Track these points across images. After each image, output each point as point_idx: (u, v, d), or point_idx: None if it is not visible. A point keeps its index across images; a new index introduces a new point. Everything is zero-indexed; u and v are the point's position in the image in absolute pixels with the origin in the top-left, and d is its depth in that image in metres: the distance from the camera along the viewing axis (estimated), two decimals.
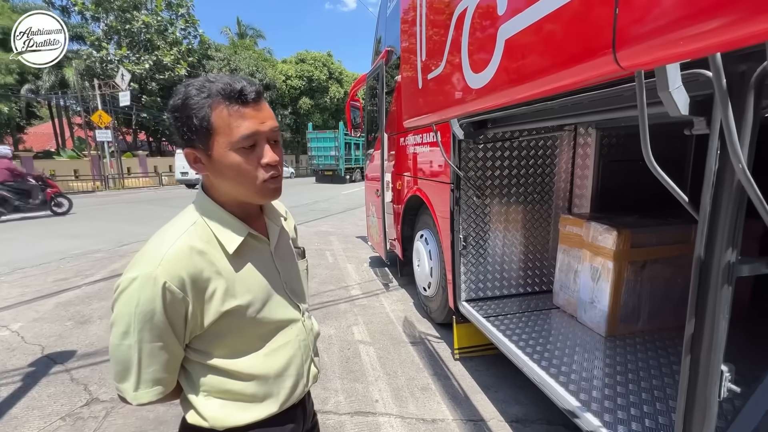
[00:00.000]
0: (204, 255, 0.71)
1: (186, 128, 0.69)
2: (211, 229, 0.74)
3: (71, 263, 5.27)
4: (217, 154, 0.70)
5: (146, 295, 0.66)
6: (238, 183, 0.72)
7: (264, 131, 0.71)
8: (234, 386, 0.77)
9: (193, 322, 0.71)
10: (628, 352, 1.88)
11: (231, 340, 0.76)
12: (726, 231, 0.88)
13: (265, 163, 0.72)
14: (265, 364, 0.79)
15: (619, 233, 1.92)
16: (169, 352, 0.71)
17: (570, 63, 0.85)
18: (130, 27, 20.86)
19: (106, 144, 19.47)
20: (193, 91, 0.69)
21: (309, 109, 29.27)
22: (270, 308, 0.80)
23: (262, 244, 0.82)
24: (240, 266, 0.76)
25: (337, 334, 3.06)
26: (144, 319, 0.67)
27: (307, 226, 7.81)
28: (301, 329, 0.87)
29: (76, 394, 2.31)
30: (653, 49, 0.68)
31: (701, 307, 0.94)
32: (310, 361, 0.90)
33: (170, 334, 0.69)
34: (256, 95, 0.71)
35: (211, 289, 0.71)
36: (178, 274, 0.67)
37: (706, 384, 0.94)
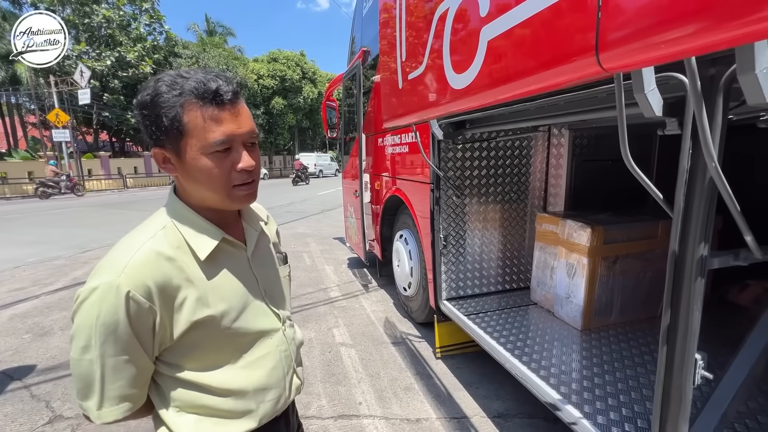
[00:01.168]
0: (173, 261, 0.67)
1: (155, 127, 0.64)
2: (182, 234, 0.69)
3: (27, 272, 4.93)
4: (188, 156, 0.65)
5: (108, 306, 0.61)
6: (209, 188, 0.68)
7: (239, 134, 0.67)
8: (209, 401, 0.72)
9: (161, 333, 0.66)
10: (603, 344, 1.95)
11: (204, 352, 0.71)
12: (698, 226, 0.92)
13: (240, 168, 0.68)
14: (242, 378, 0.75)
15: (593, 230, 1.99)
16: (135, 365, 0.66)
17: (553, 64, 0.87)
18: (89, 21, 19.78)
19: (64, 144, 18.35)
20: (163, 87, 0.64)
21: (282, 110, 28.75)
22: (247, 317, 0.75)
23: (238, 249, 0.77)
24: (213, 273, 0.71)
25: (318, 337, 3.01)
26: (106, 332, 0.61)
27: (284, 228, 7.67)
28: (282, 339, 0.82)
29: (37, 412, 2.15)
30: (634, 51, 0.71)
31: (676, 299, 0.98)
32: (292, 372, 0.85)
33: (136, 346, 0.64)
34: (233, 95, 0.66)
35: (180, 298, 0.67)
36: (143, 282, 0.62)
37: (681, 372, 0.98)
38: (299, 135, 34.56)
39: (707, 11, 0.63)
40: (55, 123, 17.05)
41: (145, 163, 22.59)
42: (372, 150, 3.82)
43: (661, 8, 0.66)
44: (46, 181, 15.02)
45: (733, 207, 0.84)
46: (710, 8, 0.62)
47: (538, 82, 0.94)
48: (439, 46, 1.43)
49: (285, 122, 30.05)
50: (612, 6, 0.72)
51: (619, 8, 0.72)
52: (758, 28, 0.59)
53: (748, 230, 0.89)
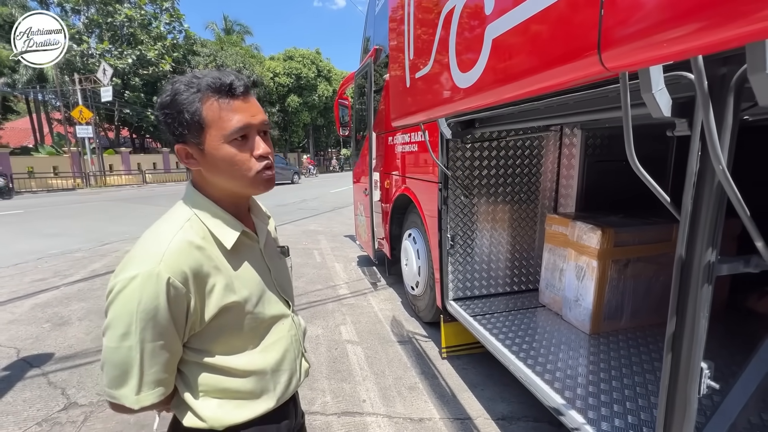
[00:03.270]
0: (203, 250, 0.72)
1: (177, 124, 0.70)
2: (206, 226, 0.74)
3: (49, 263, 5.11)
4: (210, 147, 0.70)
5: (149, 293, 0.65)
6: (233, 175, 0.73)
7: (255, 123, 0.73)
8: (231, 384, 0.77)
9: (194, 317, 0.71)
10: (611, 349, 1.91)
11: (229, 336, 0.76)
12: (706, 231, 0.89)
13: (258, 154, 0.73)
14: (261, 360, 0.80)
15: (603, 232, 1.95)
16: (169, 350, 0.70)
17: (556, 63, 0.86)
18: (112, 20, 20.31)
19: (86, 140, 18.94)
20: (181, 87, 0.69)
21: (297, 107, 28.98)
22: (264, 304, 0.81)
23: (253, 242, 0.83)
24: (237, 262, 0.77)
25: (325, 334, 3.03)
26: (147, 317, 0.65)
27: (295, 225, 7.75)
28: (292, 324, 0.89)
29: (54, 399, 2.24)
30: (637, 50, 0.69)
31: (682, 306, 0.95)
32: (301, 355, 0.91)
33: (172, 330, 0.69)
34: (245, 89, 0.72)
35: (210, 284, 0.71)
36: (180, 269, 0.67)
37: (686, 381, 0.96)
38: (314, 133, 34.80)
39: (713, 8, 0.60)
40: (79, 119, 17.61)
41: (164, 159, 23.12)
42: (382, 148, 3.82)
43: (664, 5, 0.64)
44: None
45: (743, 211, 0.81)
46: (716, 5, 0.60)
47: (542, 81, 0.92)
48: (446, 44, 1.41)
49: (300, 120, 30.30)
50: (614, 3, 0.70)
51: (622, 5, 0.70)
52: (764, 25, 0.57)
53: (759, 236, 0.86)
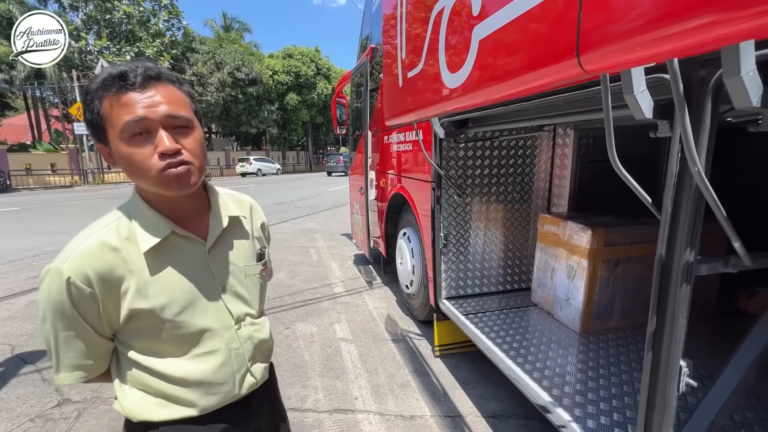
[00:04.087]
0: (117, 252, 0.69)
1: (89, 123, 0.68)
2: (133, 226, 0.72)
3: (45, 260, 5.11)
4: (113, 146, 0.67)
5: (54, 288, 0.67)
6: (136, 175, 0.67)
7: (153, 117, 0.64)
8: (153, 383, 0.75)
9: (106, 316, 0.71)
10: (600, 348, 1.93)
11: (148, 340, 0.74)
12: (686, 232, 0.91)
13: (158, 151, 0.65)
14: (185, 369, 0.76)
15: (593, 232, 1.96)
16: (85, 342, 0.72)
17: (538, 65, 0.87)
18: (110, 17, 20.24)
19: (85, 137, 18.91)
20: (92, 84, 0.66)
21: (296, 105, 28.94)
22: (194, 313, 0.76)
23: (192, 243, 0.77)
24: (158, 266, 0.72)
25: (319, 332, 3.05)
26: (55, 309, 0.68)
27: (293, 224, 7.75)
28: (234, 337, 0.81)
29: (47, 395, 2.25)
30: (614, 53, 0.70)
31: (662, 306, 0.97)
32: (245, 371, 0.83)
33: (83, 325, 0.70)
34: (143, 79, 0.64)
35: (124, 287, 0.70)
36: (82, 271, 0.67)
37: (666, 379, 0.97)
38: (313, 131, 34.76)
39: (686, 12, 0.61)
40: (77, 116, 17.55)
41: None
42: (378, 147, 3.82)
43: (639, 9, 0.65)
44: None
45: (719, 213, 0.82)
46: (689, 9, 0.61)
47: (525, 83, 0.93)
48: (435, 44, 1.42)
49: (299, 118, 30.27)
50: (592, 7, 0.71)
51: (599, 9, 0.71)
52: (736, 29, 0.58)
53: (736, 236, 0.87)
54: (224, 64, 25.04)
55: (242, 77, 25.46)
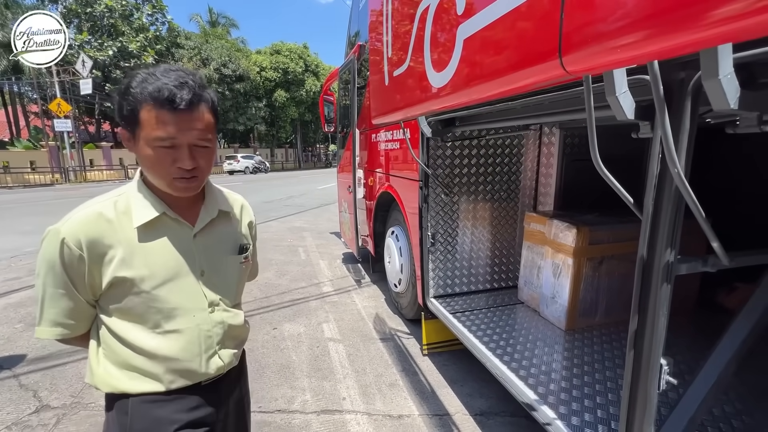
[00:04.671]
0: (111, 223, 0.79)
1: (123, 111, 0.76)
2: (131, 203, 0.82)
3: (24, 261, 4.96)
4: (139, 144, 0.77)
5: (50, 246, 0.76)
6: (151, 172, 0.80)
7: (182, 140, 0.75)
8: (122, 352, 0.82)
9: (90, 280, 0.79)
10: (585, 345, 1.95)
11: (125, 306, 0.81)
12: (666, 232, 0.92)
13: (178, 166, 0.77)
14: (154, 343, 0.83)
15: (578, 231, 1.98)
16: (69, 301, 0.80)
17: (521, 65, 0.86)
18: (91, 11, 19.69)
19: (65, 134, 18.40)
20: (134, 82, 0.74)
21: (285, 102, 28.64)
22: (171, 289, 0.83)
23: (181, 227, 0.86)
24: (145, 240, 0.81)
25: (307, 332, 3.03)
26: (47, 266, 0.77)
27: (281, 222, 7.67)
28: (206, 320, 0.88)
29: (25, 401, 2.18)
30: (595, 55, 0.70)
31: (644, 305, 0.98)
32: (212, 353, 0.89)
33: (69, 285, 0.78)
34: (188, 105, 0.74)
35: (110, 255, 0.78)
36: (76, 234, 0.76)
37: (647, 377, 0.98)
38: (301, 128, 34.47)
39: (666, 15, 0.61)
40: (57, 113, 17.08)
41: None
42: (366, 145, 3.80)
43: (620, 12, 0.65)
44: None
45: (698, 213, 0.83)
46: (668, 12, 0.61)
47: (509, 83, 0.93)
48: (421, 43, 1.41)
49: (287, 115, 29.98)
50: (573, 9, 0.71)
51: (581, 10, 0.70)
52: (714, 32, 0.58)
53: (714, 237, 0.88)
54: (210, 60, 24.62)
55: (229, 73, 25.08)
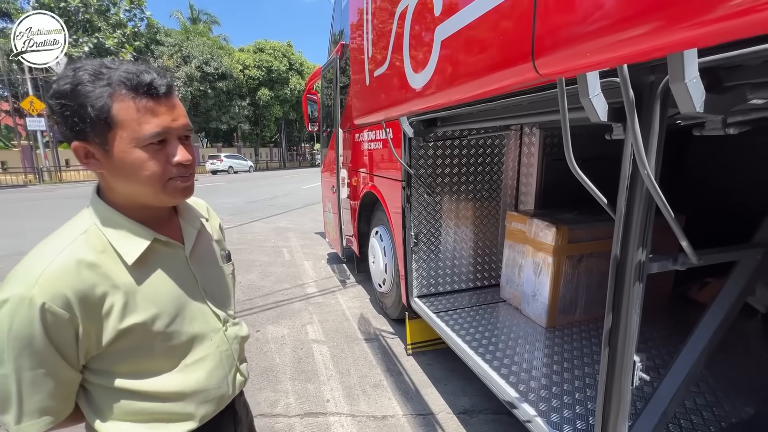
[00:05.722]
0: (96, 268, 0.64)
1: (77, 118, 0.61)
2: (107, 237, 0.67)
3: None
4: (118, 150, 0.63)
5: (21, 319, 0.58)
6: (142, 182, 0.65)
7: (176, 128, 0.67)
8: (144, 407, 0.70)
9: (86, 342, 0.64)
10: (565, 342, 1.99)
11: (137, 359, 0.69)
12: (638, 232, 0.94)
13: (176, 162, 0.67)
14: (179, 382, 0.73)
15: (557, 229, 2.02)
16: (55, 378, 0.64)
17: (496, 68, 0.87)
18: (65, 5, 19.00)
19: (39, 133, 17.75)
20: (86, 76, 0.61)
21: (269, 101, 28.27)
22: (183, 320, 0.74)
23: (173, 249, 0.75)
24: (143, 277, 0.69)
25: (291, 334, 2.99)
26: (20, 345, 0.59)
27: (265, 222, 7.58)
28: (223, 340, 0.81)
29: None
30: (566, 58, 0.71)
31: (617, 303, 1.00)
32: (235, 371, 0.84)
33: (56, 358, 0.62)
34: (167, 88, 0.65)
35: (107, 306, 0.64)
36: (60, 293, 0.60)
37: (621, 373, 1.00)
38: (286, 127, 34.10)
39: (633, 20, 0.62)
40: (30, 111, 16.45)
41: None
42: (350, 145, 3.79)
43: (590, 17, 0.65)
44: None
45: (667, 213, 0.85)
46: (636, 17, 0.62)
47: (485, 85, 0.93)
48: (400, 44, 1.41)
49: (271, 114, 29.59)
50: (545, 13, 0.72)
51: (552, 15, 0.71)
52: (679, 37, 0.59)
53: (683, 236, 0.91)
54: (192, 57, 24.09)
55: (211, 71, 24.58)
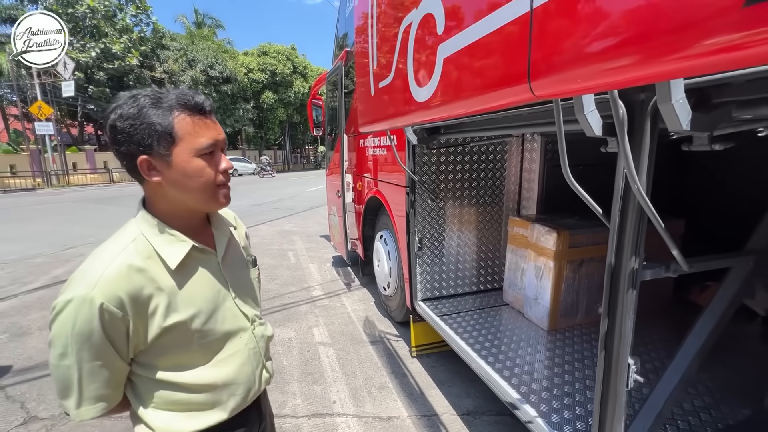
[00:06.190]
0: (144, 272, 0.73)
1: (145, 135, 0.71)
2: (153, 245, 0.75)
3: (6, 270, 4.86)
4: (179, 159, 0.73)
5: (83, 317, 0.67)
6: (197, 188, 0.76)
7: (221, 140, 0.79)
8: (182, 397, 0.79)
9: (135, 338, 0.73)
10: (566, 345, 2.03)
11: (177, 353, 0.78)
12: (631, 240, 0.99)
13: (223, 168, 0.79)
14: (213, 375, 0.82)
15: (558, 234, 2.06)
16: (110, 369, 0.73)
17: (495, 87, 0.92)
18: (73, 11, 19.29)
19: (47, 137, 17.98)
20: (147, 101, 0.71)
21: (273, 104, 28.46)
22: (216, 319, 0.82)
23: (208, 255, 0.84)
24: (183, 280, 0.78)
25: (297, 337, 3.05)
26: (81, 340, 0.68)
27: (270, 226, 7.66)
28: (251, 338, 0.89)
29: (12, 413, 2.17)
30: (560, 83, 0.76)
31: (612, 308, 1.05)
32: (261, 367, 0.92)
33: (111, 352, 0.71)
34: (211, 108, 0.79)
35: (153, 306, 0.73)
36: (115, 295, 0.69)
37: (616, 375, 1.05)
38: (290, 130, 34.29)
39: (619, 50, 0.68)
40: (38, 115, 16.68)
41: None
42: (354, 150, 3.85)
43: (579, 46, 0.71)
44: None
45: (658, 225, 0.90)
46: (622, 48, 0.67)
47: (484, 102, 0.99)
48: (404, 58, 1.47)
49: (275, 117, 29.77)
50: (540, 39, 0.77)
51: (546, 41, 0.76)
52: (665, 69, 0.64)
53: (674, 245, 0.96)
54: (197, 61, 24.33)
55: (216, 75, 24.80)
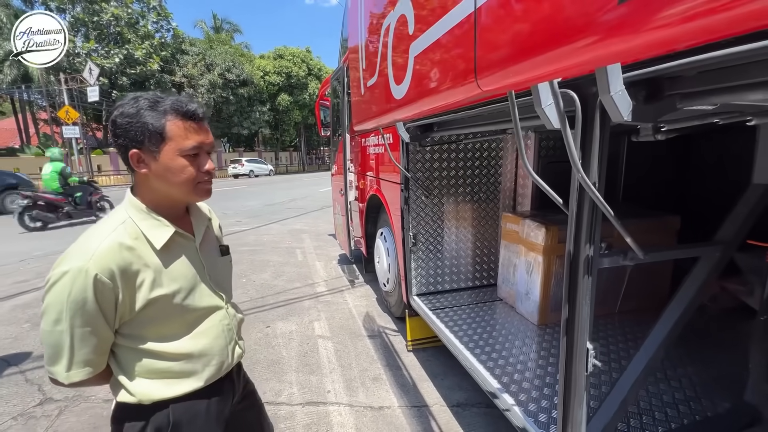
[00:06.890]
0: (132, 250, 0.82)
1: (139, 132, 0.81)
2: (140, 228, 0.85)
3: (32, 265, 5.15)
4: (165, 156, 0.83)
5: (78, 286, 0.76)
6: (179, 183, 0.85)
7: (207, 144, 0.88)
8: (161, 365, 0.88)
9: (122, 308, 0.82)
10: (554, 338, 2.05)
11: (159, 324, 0.87)
12: (586, 229, 1.02)
13: (205, 170, 0.88)
14: (190, 345, 0.91)
15: (547, 229, 2.08)
16: (98, 335, 0.82)
17: (451, 84, 0.98)
18: (98, 19, 20.11)
19: (74, 141, 18.77)
20: (146, 103, 0.82)
21: (288, 106, 28.93)
22: (195, 296, 0.92)
23: (188, 240, 0.94)
24: (167, 259, 0.87)
25: (298, 330, 3.15)
26: (76, 307, 0.77)
27: (281, 225, 7.83)
28: (225, 315, 1.00)
29: (30, 395, 2.33)
30: (499, 78, 0.81)
31: (572, 296, 1.08)
32: (234, 343, 1.03)
33: (101, 319, 0.80)
34: (203, 115, 0.88)
35: (140, 279, 0.82)
36: (108, 267, 0.78)
37: (577, 360, 1.09)
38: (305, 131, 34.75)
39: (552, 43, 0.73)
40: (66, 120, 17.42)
41: None
42: (357, 150, 3.93)
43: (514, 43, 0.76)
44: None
45: (608, 213, 0.93)
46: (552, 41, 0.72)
47: (444, 99, 1.04)
48: (385, 57, 1.53)
49: (291, 119, 30.25)
50: (482, 37, 0.82)
51: (487, 38, 0.82)
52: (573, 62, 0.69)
53: (627, 233, 0.99)
54: (215, 65, 24.96)
55: (233, 78, 25.40)
